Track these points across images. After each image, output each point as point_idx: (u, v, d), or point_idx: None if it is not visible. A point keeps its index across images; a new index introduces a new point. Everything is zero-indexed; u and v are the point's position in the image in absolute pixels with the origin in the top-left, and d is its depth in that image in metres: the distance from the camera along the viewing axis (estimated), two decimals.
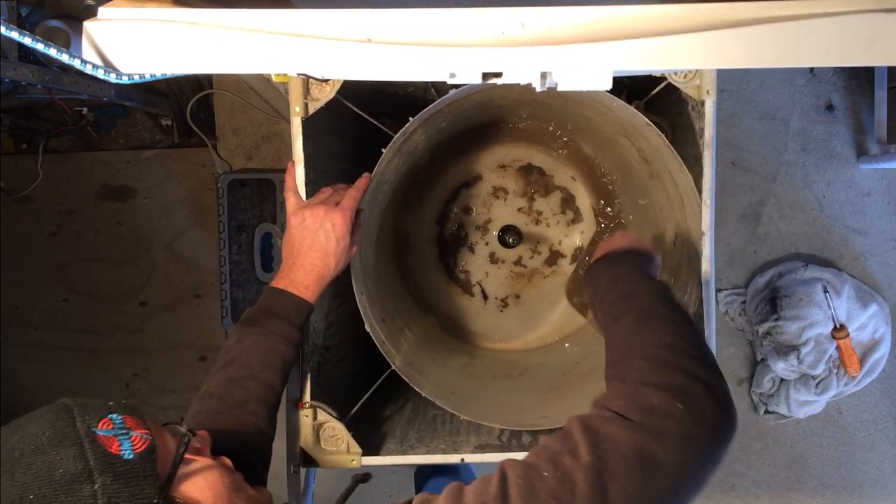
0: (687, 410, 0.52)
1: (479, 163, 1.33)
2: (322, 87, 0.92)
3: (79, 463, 0.47)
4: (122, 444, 0.50)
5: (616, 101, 0.89)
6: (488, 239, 1.34)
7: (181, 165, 1.97)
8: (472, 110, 1.13)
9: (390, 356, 0.99)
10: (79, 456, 0.47)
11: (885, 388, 1.84)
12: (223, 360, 0.83)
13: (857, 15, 0.64)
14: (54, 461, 0.47)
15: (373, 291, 1.06)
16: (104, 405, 0.53)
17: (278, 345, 0.84)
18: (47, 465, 0.46)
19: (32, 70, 1.36)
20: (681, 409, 0.51)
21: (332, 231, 0.84)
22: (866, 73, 1.77)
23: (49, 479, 0.46)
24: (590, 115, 1.09)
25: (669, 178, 1.00)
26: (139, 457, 0.50)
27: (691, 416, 0.51)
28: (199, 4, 0.76)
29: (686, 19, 0.67)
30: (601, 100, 0.93)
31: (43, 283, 2.04)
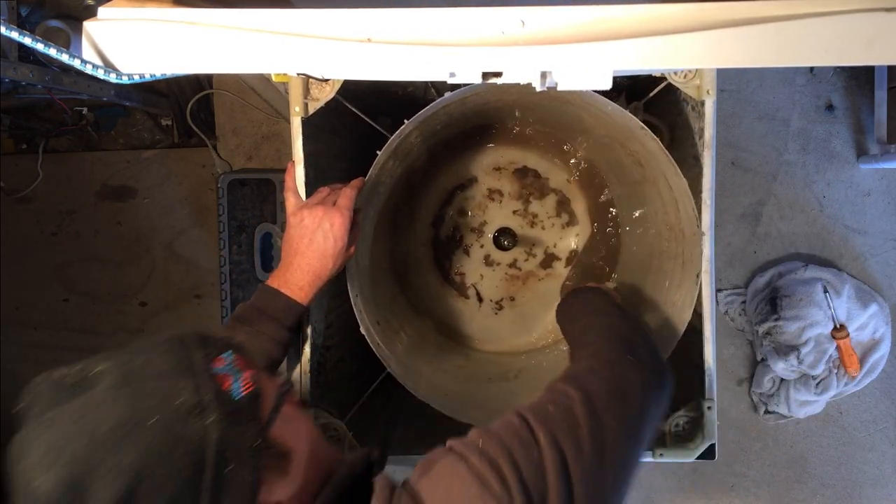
0: (638, 361, 0.70)
1: (475, 165, 1.33)
2: (322, 87, 0.92)
3: (195, 396, 0.49)
4: (234, 383, 0.51)
5: (611, 105, 0.89)
6: (483, 241, 1.34)
7: (181, 165, 1.97)
8: (468, 113, 1.13)
9: (385, 359, 0.99)
10: (195, 389, 0.49)
11: (885, 388, 1.84)
12: None
13: (856, 14, 0.64)
14: (174, 390, 0.48)
15: (368, 294, 1.06)
16: (219, 342, 0.55)
17: (267, 345, 0.85)
18: (167, 393, 0.48)
19: (32, 70, 1.36)
20: (632, 361, 0.69)
21: (331, 231, 0.85)
22: (866, 73, 1.77)
23: (169, 407, 0.47)
24: (585, 117, 1.09)
25: (664, 182, 1.00)
26: (247, 398, 0.52)
27: (641, 365, 0.69)
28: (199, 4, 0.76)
29: (686, 19, 0.67)
30: (596, 103, 0.92)
31: (43, 283, 2.04)
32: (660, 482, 1.91)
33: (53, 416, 0.46)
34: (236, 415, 0.50)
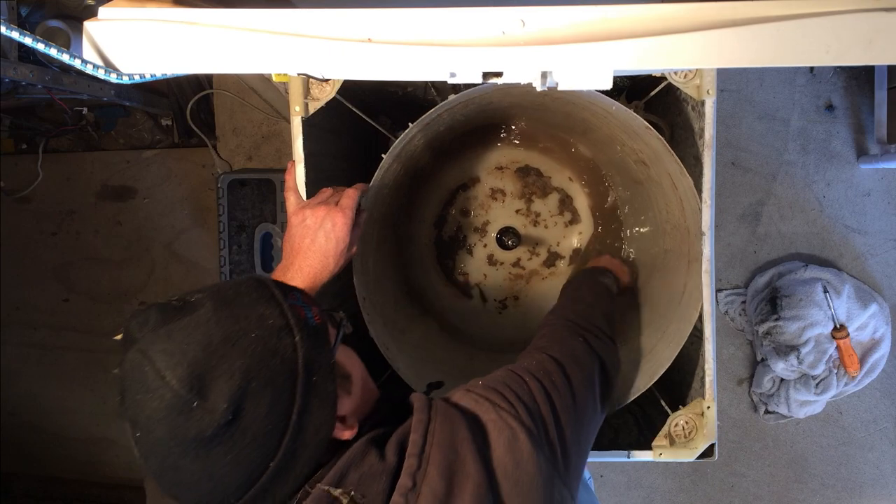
0: (593, 346, 0.85)
1: (477, 165, 1.33)
2: (322, 87, 0.92)
3: (282, 319, 0.58)
4: (307, 313, 0.61)
5: (615, 105, 0.89)
6: (487, 241, 1.34)
7: (181, 165, 1.97)
8: (472, 114, 1.13)
9: (393, 360, 0.99)
10: (281, 314, 0.58)
11: (885, 388, 1.84)
12: None
13: (856, 14, 0.64)
14: (265, 314, 0.57)
15: (373, 295, 1.06)
16: (289, 287, 0.64)
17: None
18: (260, 314, 0.57)
19: (32, 70, 1.36)
20: (591, 346, 0.85)
21: (333, 231, 0.84)
22: (866, 73, 1.77)
23: (263, 325, 0.56)
24: (587, 117, 1.09)
25: (668, 181, 1.00)
26: (319, 325, 0.62)
27: (597, 348, 0.85)
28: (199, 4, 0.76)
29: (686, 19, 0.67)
30: (600, 103, 0.92)
31: (43, 283, 2.04)
32: (660, 482, 1.91)
33: (169, 329, 0.53)
34: (315, 337, 0.60)
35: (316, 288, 0.87)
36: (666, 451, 0.94)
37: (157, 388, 0.51)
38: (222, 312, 0.56)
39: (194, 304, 0.56)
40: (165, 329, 0.54)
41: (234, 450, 0.53)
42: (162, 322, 0.54)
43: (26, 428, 2.10)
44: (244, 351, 0.54)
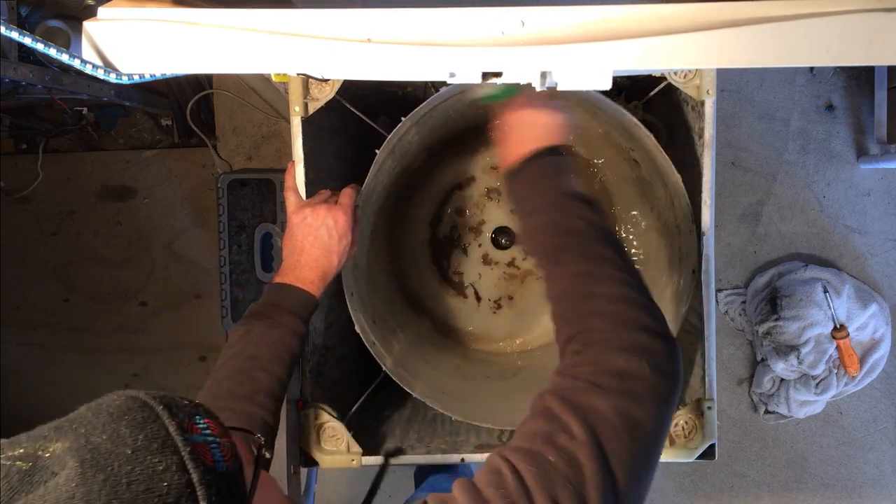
0: (652, 368, 0.56)
1: (472, 164, 1.32)
2: (322, 87, 0.92)
3: (182, 476, 0.40)
4: (215, 454, 0.43)
5: (606, 102, 0.89)
6: (481, 240, 1.34)
7: (181, 165, 1.97)
8: (466, 111, 1.12)
9: (381, 358, 0.99)
10: (180, 467, 0.40)
11: (885, 388, 1.84)
12: (228, 353, 0.82)
13: (856, 14, 0.64)
14: (157, 472, 0.39)
15: (365, 293, 1.06)
16: (185, 405, 0.45)
17: (287, 337, 0.83)
18: (150, 476, 0.39)
19: (32, 70, 1.36)
20: (647, 369, 0.56)
21: (335, 228, 0.85)
22: (866, 73, 1.77)
23: (157, 493, 0.38)
24: (582, 114, 1.09)
25: (660, 179, 1.00)
26: (231, 469, 0.44)
27: (656, 373, 0.57)
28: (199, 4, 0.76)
29: (686, 19, 0.67)
30: (592, 100, 0.92)
31: (43, 283, 2.04)
32: (660, 482, 1.91)
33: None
34: (228, 491, 0.43)
35: (326, 283, 0.87)
36: (665, 452, 0.94)
37: None
38: (93, 480, 0.37)
39: (48, 466, 0.38)
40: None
41: None
42: (7, 497, 0.37)
43: (26, 428, 2.09)
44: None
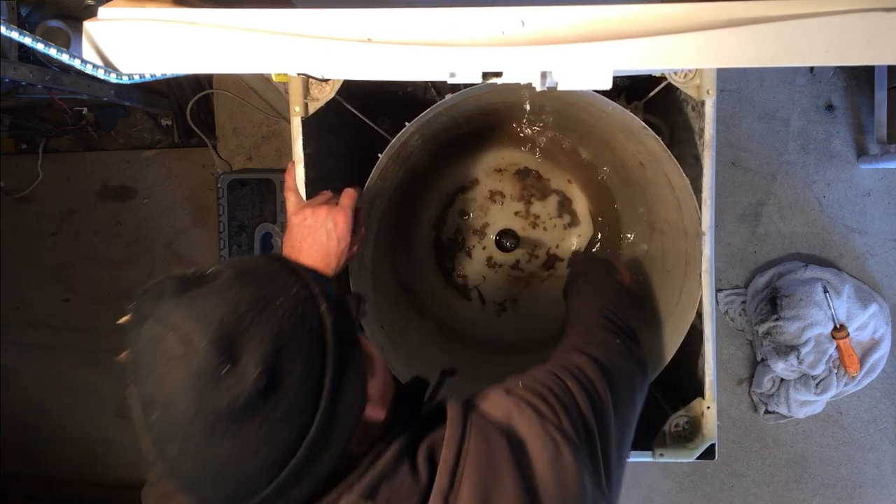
0: (632, 351, 0.81)
1: (476, 167, 1.32)
2: (322, 87, 0.91)
3: (305, 289, 0.54)
4: (328, 287, 0.57)
5: (612, 105, 0.89)
6: (485, 243, 1.34)
7: (181, 165, 1.97)
8: (469, 115, 1.13)
9: (388, 361, 0.99)
10: (304, 285, 0.55)
11: (885, 388, 1.84)
12: None
13: (856, 14, 0.64)
14: (288, 283, 0.54)
15: (371, 298, 1.06)
16: (303, 264, 0.60)
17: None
18: (283, 284, 0.54)
19: (32, 70, 1.36)
20: (630, 350, 0.81)
21: (334, 230, 0.85)
22: (866, 73, 1.77)
23: (287, 294, 0.53)
24: (586, 118, 1.09)
25: (666, 181, 1.00)
26: (341, 299, 0.58)
27: (636, 355, 0.81)
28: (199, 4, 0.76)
29: (686, 19, 0.67)
30: (597, 104, 0.92)
31: (43, 283, 2.04)
32: (660, 482, 1.91)
33: (192, 295, 0.50)
34: (339, 309, 0.56)
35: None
36: (666, 452, 0.94)
37: (183, 356, 0.47)
38: (244, 280, 0.52)
39: (214, 274, 0.53)
40: (187, 296, 0.50)
41: (266, 423, 0.48)
42: (181, 290, 0.51)
43: (26, 428, 2.10)
44: (272, 317, 0.50)
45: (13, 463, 2.09)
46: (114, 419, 2.06)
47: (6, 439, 2.06)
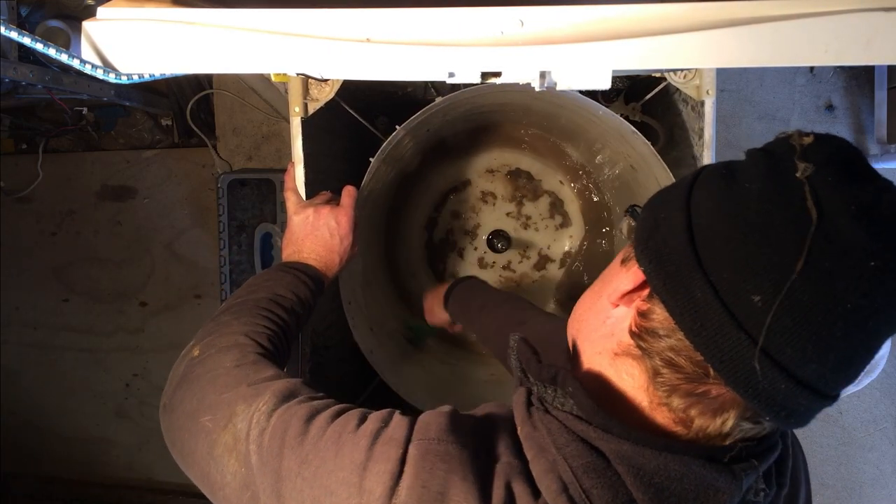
0: None
1: (468, 168, 1.32)
2: (322, 88, 0.91)
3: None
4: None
5: (602, 109, 0.89)
6: (477, 244, 1.34)
7: (181, 165, 1.97)
8: (461, 117, 1.12)
9: (378, 366, 0.98)
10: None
11: (885, 388, 1.84)
12: (228, 304, 0.76)
13: (856, 14, 0.64)
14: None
15: (361, 299, 1.05)
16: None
17: (300, 285, 0.77)
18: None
19: (32, 70, 1.36)
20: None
21: (337, 229, 0.85)
22: (866, 73, 1.77)
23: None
24: (578, 120, 1.09)
25: (656, 185, 0.99)
26: None
27: None
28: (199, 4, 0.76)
29: (685, 18, 0.67)
30: (588, 107, 0.92)
31: (43, 283, 2.04)
32: None
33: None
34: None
35: (328, 276, 0.84)
36: None
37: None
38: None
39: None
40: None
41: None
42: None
43: (26, 428, 2.10)
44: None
45: (13, 463, 2.09)
46: (114, 419, 2.06)
47: (6, 439, 2.06)
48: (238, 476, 0.53)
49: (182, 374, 0.65)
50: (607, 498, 0.43)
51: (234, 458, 0.54)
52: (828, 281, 0.39)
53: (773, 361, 0.41)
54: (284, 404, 0.55)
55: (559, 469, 0.45)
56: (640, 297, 0.48)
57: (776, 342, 0.41)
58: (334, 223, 0.85)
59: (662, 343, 0.45)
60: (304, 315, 0.78)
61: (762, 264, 0.40)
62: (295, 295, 0.76)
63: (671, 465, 0.45)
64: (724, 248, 0.42)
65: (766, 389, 0.42)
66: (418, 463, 0.46)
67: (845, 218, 0.40)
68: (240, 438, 0.54)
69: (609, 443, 0.45)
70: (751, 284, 0.41)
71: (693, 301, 0.43)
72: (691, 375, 0.44)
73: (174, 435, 0.61)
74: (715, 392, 0.44)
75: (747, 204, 0.42)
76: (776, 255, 0.40)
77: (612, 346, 0.50)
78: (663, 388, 0.46)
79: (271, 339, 0.68)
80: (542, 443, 0.47)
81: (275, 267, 0.82)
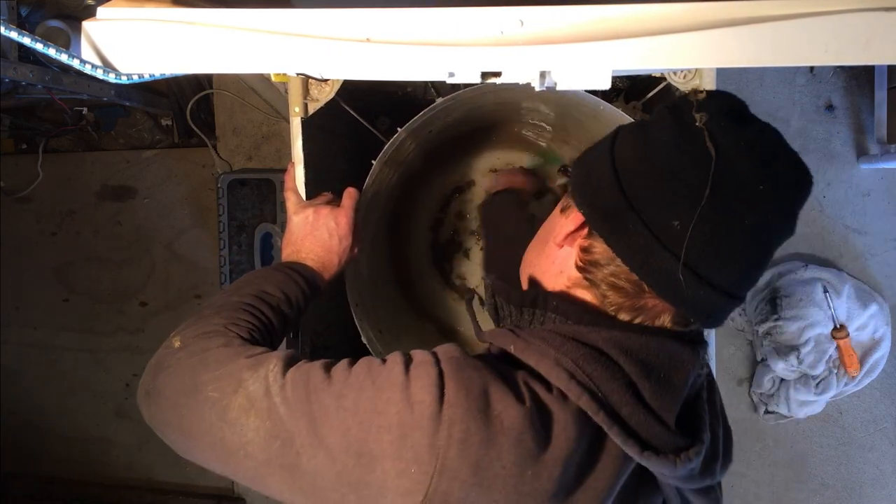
0: None
1: (472, 168, 1.32)
2: (322, 88, 0.91)
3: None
4: None
5: (603, 104, 0.89)
6: (482, 243, 1.34)
7: (181, 165, 1.97)
8: (463, 117, 1.12)
9: None
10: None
11: (885, 388, 1.84)
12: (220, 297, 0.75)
13: (855, 13, 0.64)
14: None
15: (368, 301, 1.05)
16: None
17: (290, 284, 0.77)
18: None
19: (32, 70, 1.36)
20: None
21: (336, 230, 0.84)
22: (866, 72, 1.77)
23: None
24: (581, 118, 1.09)
25: None
26: None
27: None
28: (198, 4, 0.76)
29: (685, 18, 0.67)
30: (589, 104, 0.92)
31: (43, 283, 2.04)
32: None
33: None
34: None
35: (325, 278, 0.83)
36: None
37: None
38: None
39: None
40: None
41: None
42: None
43: (26, 428, 2.10)
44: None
45: (13, 463, 2.09)
46: (114, 419, 2.06)
47: (6, 439, 2.06)
48: (262, 430, 0.55)
49: (162, 363, 0.65)
50: (607, 376, 0.53)
51: (253, 415, 0.56)
52: (729, 204, 0.50)
53: (693, 273, 0.51)
54: (294, 364, 0.59)
55: (563, 363, 0.53)
56: (580, 235, 0.58)
57: (694, 257, 0.51)
58: (333, 224, 0.84)
59: (605, 271, 0.56)
60: (293, 314, 0.77)
61: (678, 195, 0.51)
62: (283, 293, 0.76)
63: (651, 343, 0.54)
64: (646, 185, 0.53)
65: (690, 296, 0.52)
66: (456, 373, 0.53)
67: (736, 153, 0.51)
68: (257, 398, 0.56)
69: (601, 332, 0.55)
70: (670, 212, 0.51)
71: (626, 232, 0.53)
72: (631, 293, 0.55)
73: (167, 416, 0.62)
74: (651, 304, 0.55)
75: (660, 148, 0.53)
76: (688, 188, 0.50)
77: (563, 282, 0.60)
78: (612, 307, 0.57)
79: (251, 333, 0.69)
80: (539, 350, 0.55)
81: (269, 266, 0.82)
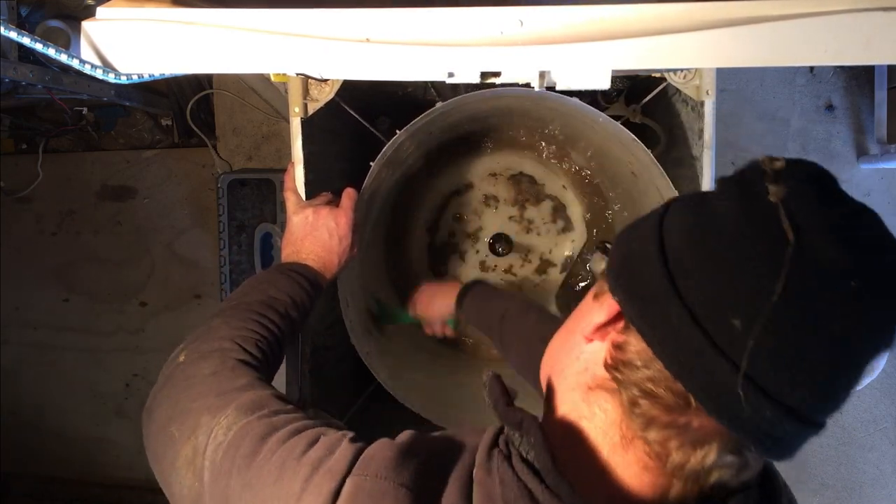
0: None
1: (471, 171, 1.32)
2: (321, 88, 0.91)
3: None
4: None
5: (602, 116, 0.89)
6: (479, 247, 1.34)
7: (181, 165, 1.97)
8: (463, 120, 1.12)
9: (375, 370, 0.98)
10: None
11: (885, 388, 1.84)
12: (226, 305, 0.74)
13: (855, 14, 0.64)
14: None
15: (360, 301, 1.05)
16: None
17: (296, 287, 0.77)
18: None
19: (32, 70, 1.36)
20: None
21: (336, 230, 0.85)
22: (866, 72, 1.77)
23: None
24: (579, 126, 1.09)
25: (657, 193, 0.99)
26: None
27: None
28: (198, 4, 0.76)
29: (685, 18, 0.67)
30: (588, 114, 0.92)
31: (43, 283, 2.04)
32: None
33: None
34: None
35: (327, 277, 0.84)
36: None
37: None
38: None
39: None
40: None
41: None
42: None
43: (26, 428, 2.10)
44: None
45: (13, 463, 2.09)
46: (114, 419, 2.06)
47: (6, 439, 2.06)
48: (192, 491, 0.53)
49: (166, 378, 0.65)
50: None
51: (191, 471, 0.54)
52: (809, 302, 0.38)
53: (757, 387, 0.39)
54: (245, 419, 0.54)
55: None
56: (614, 329, 0.46)
57: (760, 367, 0.39)
58: (333, 224, 0.85)
59: (640, 374, 0.43)
60: (300, 318, 0.77)
61: (740, 288, 0.39)
62: (290, 297, 0.76)
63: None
64: (700, 273, 0.41)
65: (750, 417, 0.40)
66: (348, 500, 0.44)
67: (823, 238, 0.39)
68: (198, 452, 0.54)
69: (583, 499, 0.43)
70: (730, 308, 0.39)
71: (671, 328, 0.41)
72: (671, 406, 0.42)
73: (149, 441, 0.62)
74: (696, 423, 0.42)
75: (721, 228, 0.41)
76: (754, 278, 0.39)
77: (586, 381, 0.48)
78: (640, 419, 0.43)
79: (259, 344, 0.68)
80: (491, 492, 0.44)
81: (272, 268, 0.82)
